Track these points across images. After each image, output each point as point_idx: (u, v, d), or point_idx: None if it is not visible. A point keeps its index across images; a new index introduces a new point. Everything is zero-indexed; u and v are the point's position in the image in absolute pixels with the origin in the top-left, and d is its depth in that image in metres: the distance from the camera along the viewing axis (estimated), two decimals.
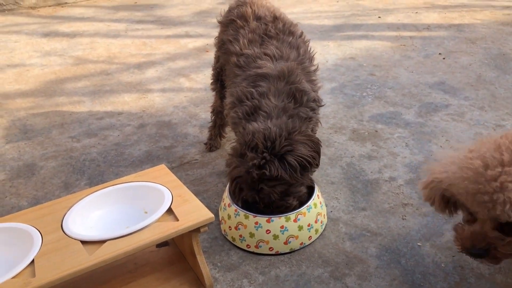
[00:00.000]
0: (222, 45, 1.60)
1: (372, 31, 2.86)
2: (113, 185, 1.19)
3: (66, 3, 3.72)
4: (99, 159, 1.71)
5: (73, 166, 1.68)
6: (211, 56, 2.60)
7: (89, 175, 1.62)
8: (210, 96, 2.12)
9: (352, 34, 2.83)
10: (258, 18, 1.58)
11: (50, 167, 1.68)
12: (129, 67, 2.54)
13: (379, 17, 3.08)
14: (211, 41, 2.84)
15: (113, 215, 1.14)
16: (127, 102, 2.15)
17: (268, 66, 1.36)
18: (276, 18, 1.59)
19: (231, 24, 1.61)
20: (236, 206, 1.26)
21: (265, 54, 1.42)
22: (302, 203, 1.27)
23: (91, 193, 1.16)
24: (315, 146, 1.22)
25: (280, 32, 1.52)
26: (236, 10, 1.64)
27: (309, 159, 1.19)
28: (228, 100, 1.42)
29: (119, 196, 1.17)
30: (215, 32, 2.95)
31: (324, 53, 2.55)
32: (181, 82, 2.33)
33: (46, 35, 3.05)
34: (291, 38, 1.50)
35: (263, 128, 1.18)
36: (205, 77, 2.38)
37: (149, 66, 2.54)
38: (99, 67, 2.55)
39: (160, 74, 2.44)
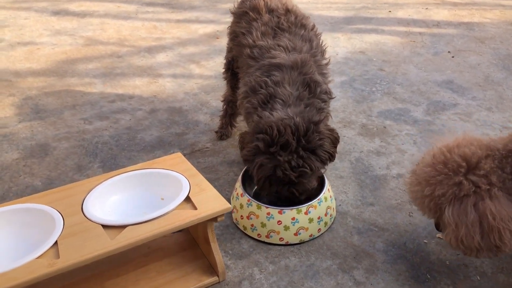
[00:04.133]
0: (235, 37, 1.61)
1: (382, 25, 2.86)
2: (130, 171, 1.22)
3: None
4: (112, 143, 1.74)
5: (86, 148, 1.71)
6: (221, 43, 2.62)
7: (102, 158, 1.65)
8: (220, 84, 2.15)
9: (363, 27, 2.84)
10: (270, 10, 1.59)
11: (63, 148, 1.71)
12: (140, 50, 2.55)
13: (390, 11, 3.09)
14: (221, 27, 2.85)
15: (130, 200, 1.17)
16: (138, 86, 2.17)
17: (282, 57, 1.38)
18: (288, 11, 1.60)
19: (244, 16, 1.62)
20: (249, 196, 1.29)
21: (279, 45, 1.44)
22: (313, 196, 1.31)
23: (109, 177, 1.19)
24: (335, 141, 1.27)
25: (292, 25, 1.53)
26: (248, 2, 1.65)
27: (333, 154, 1.24)
28: (241, 90, 1.45)
29: (136, 182, 1.20)
30: (225, 18, 2.97)
31: (334, 46, 2.56)
32: (192, 69, 2.35)
33: (56, 13, 3.05)
34: (303, 31, 1.52)
35: (286, 119, 1.20)
36: (216, 64, 2.39)
37: (160, 50, 2.55)
38: (109, 49, 2.55)
39: (171, 59, 2.45)
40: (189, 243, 1.25)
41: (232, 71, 1.73)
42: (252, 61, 1.45)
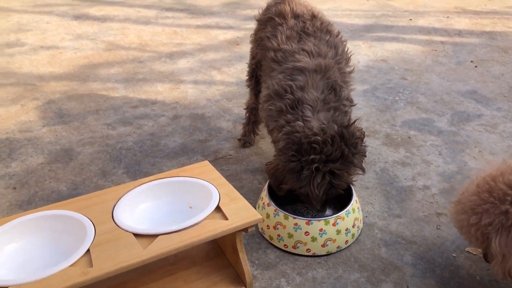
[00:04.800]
0: (260, 42, 1.61)
1: (403, 33, 2.85)
2: (158, 178, 1.22)
3: None
4: (135, 148, 1.74)
5: (110, 153, 1.72)
6: (242, 49, 2.62)
7: (126, 164, 1.65)
8: (242, 91, 2.15)
9: (383, 35, 2.82)
10: (296, 16, 1.59)
11: (87, 153, 1.72)
12: (161, 56, 2.56)
13: (410, 19, 3.07)
14: (241, 34, 2.86)
15: (159, 208, 1.17)
16: (160, 92, 2.17)
17: (306, 61, 1.38)
18: (314, 16, 1.60)
19: (269, 21, 1.62)
20: (276, 206, 1.28)
21: (303, 50, 1.44)
22: (341, 207, 1.30)
23: (138, 185, 1.19)
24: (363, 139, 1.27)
25: (317, 30, 1.53)
26: (274, 8, 1.65)
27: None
28: (263, 93, 1.44)
29: (165, 190, 1.20)
30: (245, 24, 2.97)
31: (356, 54, 2.55)
32: (213, 75, 2.35)
33: (77, 17, 3.08)
34: (328, 37, 1.51)
35: (324, 127, 1.19)
36: (237, 70, 2.39)
37: (181, 56, 2.56)
38: (131, 54, 2.57)
39: (192, 65, 2.46)
40: (216, 252, 1.25)
41: (255, 79, 1.73)
42: (275, 64, 1.44)
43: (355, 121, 1.25)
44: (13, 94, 2.13)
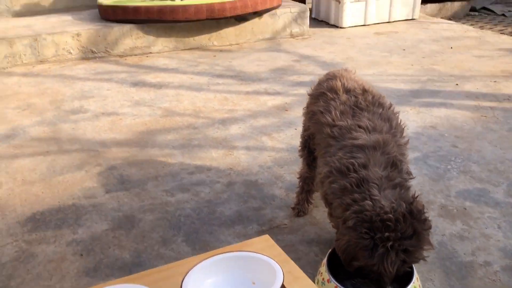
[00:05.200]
0: (312, 116, 1.68)
1: (450, 99, 2.87)
2: (222, 252, 1.26)
3: (150, 52, 3.98)
4: (193, 216, 1.81)
5: (169, 221, 1.79)
6: (290, 115, 2.71)
7: (185, 232, 1.71)
8: (292, 158, 2.20)
9: (431, 101, 2.86)
10: (347, 90, 1.66)
11: (148, 220, 1.79)
12: (214, 122, 2.68)
13: (457, 84, 3.09)
14: (289, 99, 2.96)
15: (224, 284, 1.20)
16: (215, 158, 2.26)
17: (364, 138, 1.42)
18: (365, 91, 1.66)
19: (321, 96, 1.69)
20: (337, 283, 1.29)
21: (359, 126, 1.48)
22: (399, 282, 1.29)
23: (203, 259, 1.24)
24: None
25: (370, 104, 1.58)
26: (325, 84, 1.72)
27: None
28: (323, 169, 1.49)
29: (229, 265, 1.24)
30: (292, 90, 3.08)
31: (404, 120, 2.57)
32: (264, 141, 2.43)
33: (135, 84, 3.27)
34: (381, 110, 1.56)
35: (394, 205, 1.21)
36: (286, 136, 2.47)
37: (232, 122, 2.67)
38: (186, 120, 2.70)
39: (243, 131, 2.55)
40: None
41: (308, 149, 1.79)
42: (332, 140, 1.49)
43: (417, 196, 1.27)
44: (78, 160, 2.27)
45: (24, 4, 4.26)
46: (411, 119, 2.62)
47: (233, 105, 2.91)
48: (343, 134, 1.47)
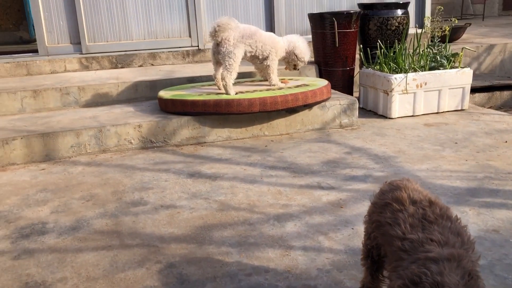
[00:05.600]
0: (378, 226, 1.68)
1: (511, 199, 2.80)
2: None
3: (205, 142, 4.15)
4: None
5: None
6: (345, 213, 2.71)
7: None
8: (351, 261, 2.18)
9: (490, 201, 2.80)
10: (414, 202, 1.67)
11: None
12: (269, 218, 2.71)
13: None
14: (344, 195, 2.97)
15: None
16: (272, 258, 2.27)
17: (437, 251, 1.41)
18: (432, 203, 1.66)
19: (386, 206, 1.71)
20: None
21: (431, 239, 1.48)
22: None
23: None
24: None
25: (439, 217, 1.58)
26: (390, 194, 1.74)
27: None
28: (397, 282, 1.47)
29: None
30: (346, 185, 3.10)
31: (464, 222, 2.52)
32: (321, 241, 2.43)
33: (191, 175, 3.39)
34: (450, 224, 1.55)
35: None
36: (343, 237, 2.46)
37: (287, 218, 2.69)
38: (241, 215, 2.75)
39: (299, 229, 2.57)
40: None
41: (372, 258, 1.78)
42: (404, 254, 1.49)
43: None
44: (139, 256, 2.34)
45: (91, 96, 4.61)
46: (471, 221, 2.56)
47: (287, 199, 2.95)
48: (415, 248, 1.47)
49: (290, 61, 4.62)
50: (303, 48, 4.53)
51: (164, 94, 4.33)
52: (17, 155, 3.76)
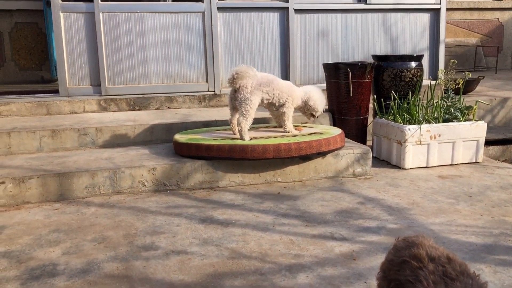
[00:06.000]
0: (398, 285, 1.66)
1: None
2: None
3: (218, 187, 4.17)
4: None
5: None
6: (358, 265, 2.67)
7: None
8: None
9: (507, 258, 2.74)
10: (432, 259, 1.65)
11: None
12: (281, 268, 2.68)
13: None
14: (356, 247, 2.94)
15: None
16: None
17: None
18: (450, 259, 1.66)
19: (404, 264, 1.69)
20: None
21: None
22: None
23: None
24: None
25: (459, 274, 1.58)
26: (407, 251, 1.73)
27: None
28: None
29: None
30: (359, 237, 3.07)
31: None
32: None
33: (203, 221, 3.39)
34: (471, 281, 1.55)
35: None
36: None
37: (299, 269, 2.66)
38: (252, 264, 2.72)
39: (311, 280, 2.53)
40: None
41: None
42: None
43: None
44: None
45: (108, 137, 4.69)
46: (488, 279, 2.50)
47: (299, 249, 2.92)
48: None
49: (306, 111, 4.70)
50: (318, 99, 4.62)
51: (180, 137, 4.40)
52: (32, 194, 3.80)
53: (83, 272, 2.66)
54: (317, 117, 4.82)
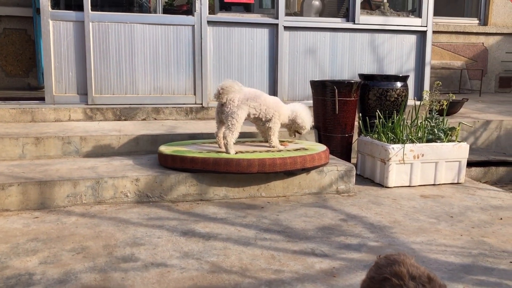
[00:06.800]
0: None
1: (505, 279, 2.77)
2: None
3: (201, 200, 4.15)
4: None
5: None
6: (338, 282, 2.67)
7: None
8: None
9: (484, 279, 2.77)
10: (413, 277, 1.68)
11: None
12: (260, 283, 2.66)
13: (511, 262, 3.01)
14: (337, 264, 2.94)
15: None
16: None
17: None
18: (431, 279, 1.68)
19: (385, 281, 1.71)
20: None
21: None
22: None
23: None
24: None
25: None
26: (388, 269, 1.74)
27: None
28: None
29: None
30: (340, 253, 3.08)
31: None
32: None
33: (185, 233, 3.37)
34: None
35: None
36: None
37: (279, 285, 2.65)
38: (232, 279, 2.71)
39: None
40: None
41: None
42: None
43: None
44: None
45: (92, 147, 4.66)
46: None
47: (280, 264, 2.92)
48: None
49: (291, 128, 4.73)
50: (306, 116, 4.66)
51: (165, 149, 4.38)
52: (12, 201, 3.75)
53: (60, 282, 2.62)
54: (302, 134, 4.85)
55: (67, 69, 5.64)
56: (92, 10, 5.61)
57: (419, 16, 6.67)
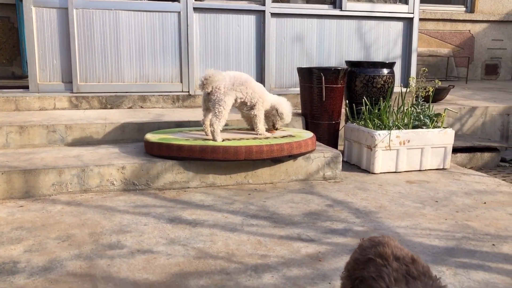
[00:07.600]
0: (361, 282, 1.71)
1: (488, 261, 2.82)
2: None
3: (188, 187, 4.15)
4: None
5: None
6: (324, 266, 2.69)
7: None
8: None
9: (467, 261, 2.81)
10: (397, 258, 1.71)
11: None
12: (247, 268, 2.68)
13: (493, 244, 3.05)
14: (323, 248, 2.96)
15: None
16: None
17: None
18: (414, 260, 1.72)
19: (369, 262, 1.74)
20: None
21: None
22: None
23: None
24: None
25: (421, 274, 1.64)
26: (373, 250, 1.77)
27: None
28: None
29: None
30: (325, 238, 3.10)
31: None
32: None
33: (171, 220, 3.37)
34: (432, 282, 1.60)
35: None
36: None
37: (265, 269, 2.66)
38: (218, 264, 2.72)
39: (276, 281, 2.54)
40: None
41: None
42: None
43: None
44: None
45: (78, 135, 4.62)
46: (448, 281, 2.56)
47: (266, 250, 2.93)
48: None
49: (270, 117, 4.68)
50: (287, 107, 4.65)
51: (151, 137, 4.36)
52: None
53: (45, 270, 2.60)
54: (277, 129, 4.75)
55: (51, 57, 5.56)
56: None
57: (406, 3, 6.67)
